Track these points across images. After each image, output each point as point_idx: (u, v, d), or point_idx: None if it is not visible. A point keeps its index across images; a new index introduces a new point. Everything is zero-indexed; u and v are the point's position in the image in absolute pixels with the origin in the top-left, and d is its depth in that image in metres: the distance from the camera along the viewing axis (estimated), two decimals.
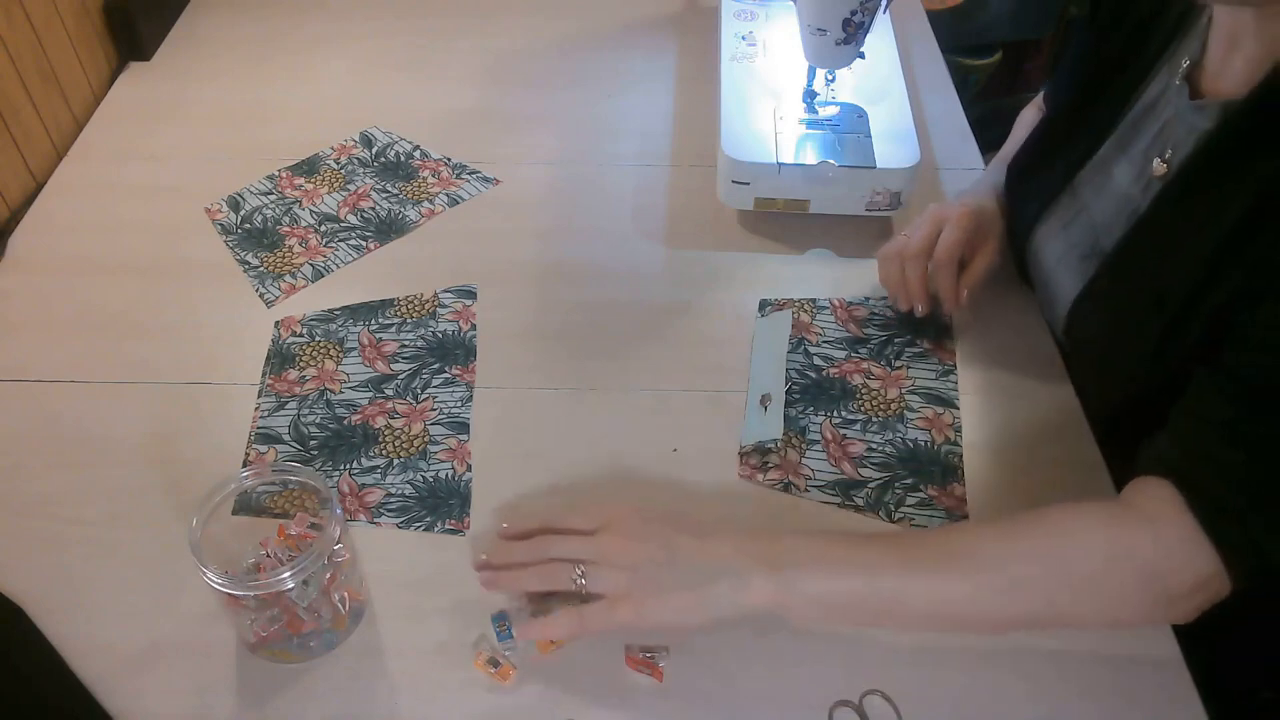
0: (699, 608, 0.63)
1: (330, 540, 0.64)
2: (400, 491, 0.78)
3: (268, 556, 0.67)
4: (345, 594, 0.68)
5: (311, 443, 0.81)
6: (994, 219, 0.91)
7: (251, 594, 0.63)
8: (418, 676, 0.68)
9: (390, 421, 0.83)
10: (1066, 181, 0.84)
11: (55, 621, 0.70)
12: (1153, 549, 0.61)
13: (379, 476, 0.79)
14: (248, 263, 0.98)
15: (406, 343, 0.90)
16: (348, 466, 0.80)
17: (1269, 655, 0.76)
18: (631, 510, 0.68)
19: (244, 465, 0.80)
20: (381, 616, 0.71)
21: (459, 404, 0.84)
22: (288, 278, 0.96)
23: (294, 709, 0.66)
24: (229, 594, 0.62)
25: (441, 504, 0.78)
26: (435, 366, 0.87)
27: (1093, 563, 0.62)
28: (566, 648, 0.69)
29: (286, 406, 0.84)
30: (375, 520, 0.76)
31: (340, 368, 0.87)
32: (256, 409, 0.84)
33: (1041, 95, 1.02)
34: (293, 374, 0.86)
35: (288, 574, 0.62)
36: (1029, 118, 1.02)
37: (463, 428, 0.83)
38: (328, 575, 0.65)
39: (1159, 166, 0.74)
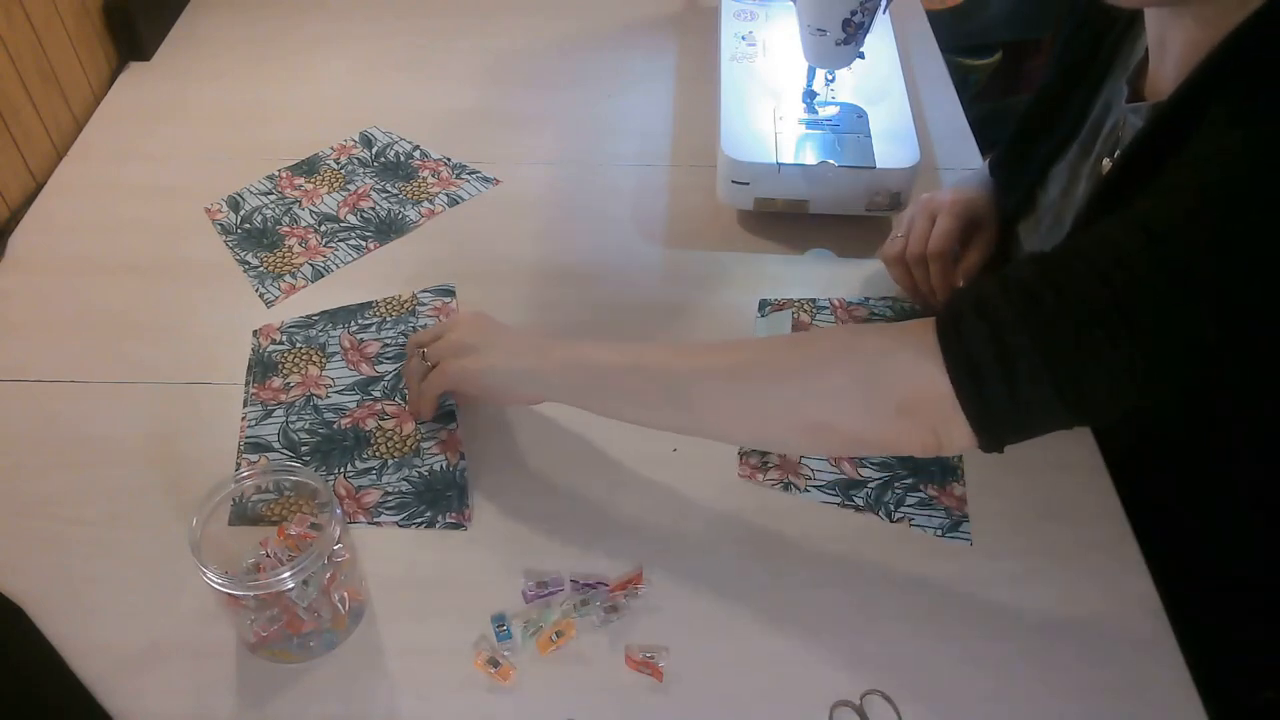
0: (500, 362, 0.73)
1: (330, 540, 0.64)
2: (397, 489, 0.78)
3: (268, 556, 0.67)
4: (345, 594, 0.68)
5: (303, 449, 0.81)
6: (988, 206, 0.91)
7: (251, 594, 0.63)
8: (418, 676, 0.68)
9: (381, 423, 0.83)
10: (1042, 176, 0.84)
11: (55, 621, 0.70)
12: (883, 351, 0.61)
13: (374, 477, 0.79)
14: (248, 263, 0.98)
15: (388, 341, 0.89)
16: (341, 470, 0.80)
17: (1269, 655, 0.76)
18: (471, 313, 0.80)
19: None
20: (381, 616, 0.71)
21: (443, 395, 0.84)
22: (287, 278, 0.96)
23: (294, 709, 0.66)
24: (229, 594, 0.62)
25: (439, 497, 0.78)
26: None
27: (819, 354, 0.64)
28: (566, 647, 0.69)
29: (274, 415, 0.84)
30: (375, 520, 0.76)
31: (325, 373, 0.87)
32: (243, 418, 0.83)
33: None
34: (277, 381, 0.86)
35: (288, 574, 0.62)
36: None
37: (449, 417, 0.83)
38: (328, 575, 0.65)
39: (1106, 165, 0.74)
